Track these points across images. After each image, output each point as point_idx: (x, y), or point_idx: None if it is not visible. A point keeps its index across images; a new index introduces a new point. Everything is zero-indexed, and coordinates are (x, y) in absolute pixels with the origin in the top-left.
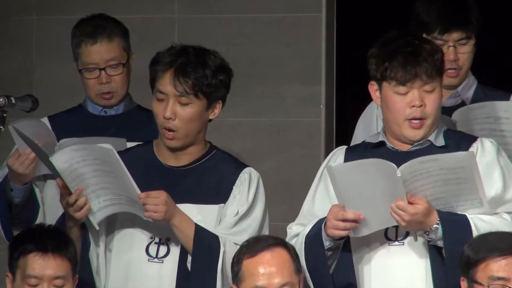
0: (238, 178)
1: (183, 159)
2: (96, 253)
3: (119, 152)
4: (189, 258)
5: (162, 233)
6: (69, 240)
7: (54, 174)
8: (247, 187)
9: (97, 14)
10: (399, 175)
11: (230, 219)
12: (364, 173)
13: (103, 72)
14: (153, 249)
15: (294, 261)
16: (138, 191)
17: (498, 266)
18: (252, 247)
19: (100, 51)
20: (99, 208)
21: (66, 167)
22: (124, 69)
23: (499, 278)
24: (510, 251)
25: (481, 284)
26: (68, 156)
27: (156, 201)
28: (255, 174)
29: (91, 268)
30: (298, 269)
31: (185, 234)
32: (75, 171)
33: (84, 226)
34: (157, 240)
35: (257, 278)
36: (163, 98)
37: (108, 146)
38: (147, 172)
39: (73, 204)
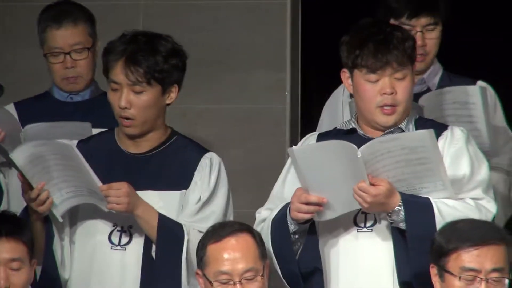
0: (199, 163)
1: (144, 146)
2: (61, 245)
3: (81, 141)
4: (154, 247)
5: (124, 220)
6: (24, 225)
7: (15, 169)
8: (208, 173)
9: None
10: (360, 155)
11: (192, 206)
12: (326, 154)
13: (68, 56)
14: (115, 237)
15: (259, 247)
16: (100, 184)
17: (470, 257)
18: (217, 232)
19: (65, 36)
20: (61, 200)
21: (27, 162)
22: (89, 53)
23: (471, 269)
24: (482, 242)
25: (452, 274)
26: (28, 152)
27: (118, 192)
28: (216, 159)
29: (56, 260)
30: (263, 255)
31: (148, 224)
32: (35, 166)
33: (48, 219)
34: (119, 227)
35: (221, 263)
36: (117, 88)
37: (67, 142)
38: (109, 159)
39: (35, 198)
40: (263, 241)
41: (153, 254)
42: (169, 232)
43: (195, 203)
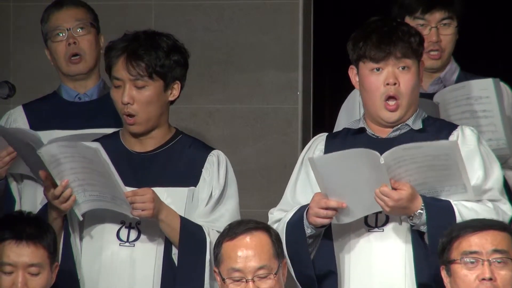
0: (207, 160)
1: (149, 144)
2: (76, 243)
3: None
4: (174, 250)
5: (133, 217)
6: (47, 229)
7: (32, 172)
8: (216, 170)
9: None
10: (383, 162)
11: (204, 205)
12: (347, 163)
13: (70, 32)
14: (123, 234)
15: (274, 245)
16: (125, 190)
17: (470, 241)
18: (232, 230)
19: (67, 14)
20: (84, 200)
21: (53, 160)
22: (91, 30)
23: (471, 252)
24: (482, 227)
25: (455, 261)
26: (56, 150)
27: (144, 198)
28: (223, 156)
29: (74, 258)
30: (278, 254)
31: (171, 227)
32: (62, 165)
33: (65, 217)
34: (127, 224)
35: (234, 261)
36: (119, 85)
37: (95, 146)
38: (115, 160)
39: (59, 196)
40: (280, 240)
41: (174, 256)
42: (192, 235)
43: (206, 202)
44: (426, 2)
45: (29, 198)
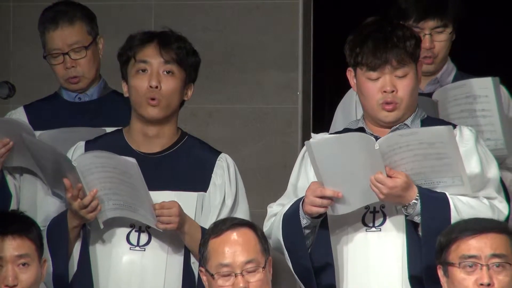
0: (216, 165)
1: (156, 145)
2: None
3: (88, 141)
4: (193, 259)
5: None
6: (31, 223)
7: (45, 177)
8: (227, 176)
9: (62, 0)
10: (377, 148)
11: (218, 213)
12: (343, 147)
13: (67, 56)
14: (134, 238)
15: (260, 241)
16: (153, 203)
17: (469, 245)
18: (218, 227)
19: (62, 36)
20: (107, 208)
21: (85, 169)
22: (87, 52)
23: (470, 256)
24: (481, 230)
25: (453, 264)
26: (89, 161)
27: (170, 212)
28: (231, 161)
29: (91, 266)
30: (265, 250)
31: (193, 238)
32: (92, 174)
33: (83, 226)
34: (137, 228)
35: (222, 256)
36: (145, 68)
37: (132, 160)
38: None
39: (87, 205)
40: (265, 237)
41: (193, 265)
42: None
43: (220, 208)
44: (419, 10)
45: (29, 193)
